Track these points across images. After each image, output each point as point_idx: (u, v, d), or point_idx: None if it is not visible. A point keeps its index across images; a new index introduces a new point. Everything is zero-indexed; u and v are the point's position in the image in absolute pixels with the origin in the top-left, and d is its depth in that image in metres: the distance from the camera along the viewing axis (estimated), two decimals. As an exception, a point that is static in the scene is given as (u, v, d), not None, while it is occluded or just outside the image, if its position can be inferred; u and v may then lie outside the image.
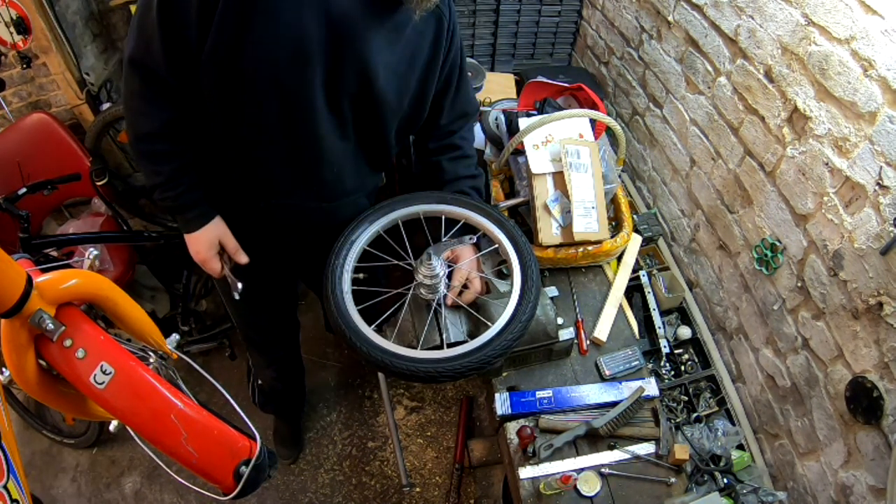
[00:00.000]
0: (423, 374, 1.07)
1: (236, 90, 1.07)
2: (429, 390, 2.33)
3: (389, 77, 1.14)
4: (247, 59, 1.02)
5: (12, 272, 0.73)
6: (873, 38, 1.08)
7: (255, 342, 1.82)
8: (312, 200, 1.29)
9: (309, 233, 1.36)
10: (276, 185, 1.25)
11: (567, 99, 1.84)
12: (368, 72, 1.10)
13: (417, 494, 2.08)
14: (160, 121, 1.12)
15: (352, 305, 1.17)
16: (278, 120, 1.12)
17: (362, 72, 1.09)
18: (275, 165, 1.21)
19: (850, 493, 1.20)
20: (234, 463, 0.86)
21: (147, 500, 2.07)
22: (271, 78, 1.05)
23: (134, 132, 1.15)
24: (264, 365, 1.89)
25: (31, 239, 1.78)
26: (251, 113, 1.11)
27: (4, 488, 0.77)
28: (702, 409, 1.62)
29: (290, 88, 1.07)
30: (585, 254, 1.58)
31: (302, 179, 1.24)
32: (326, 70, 1.07)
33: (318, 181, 1.25)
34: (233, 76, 1.05)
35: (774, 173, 1.41)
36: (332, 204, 1.32)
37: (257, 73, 1.05)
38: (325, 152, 1.20)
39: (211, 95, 1.09)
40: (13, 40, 1.95)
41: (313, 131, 1.15)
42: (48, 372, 0.85)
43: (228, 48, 1.01)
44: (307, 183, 1.25)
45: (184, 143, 1.17)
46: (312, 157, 1.20)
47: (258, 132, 1.15)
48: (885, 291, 1.09)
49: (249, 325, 1.73)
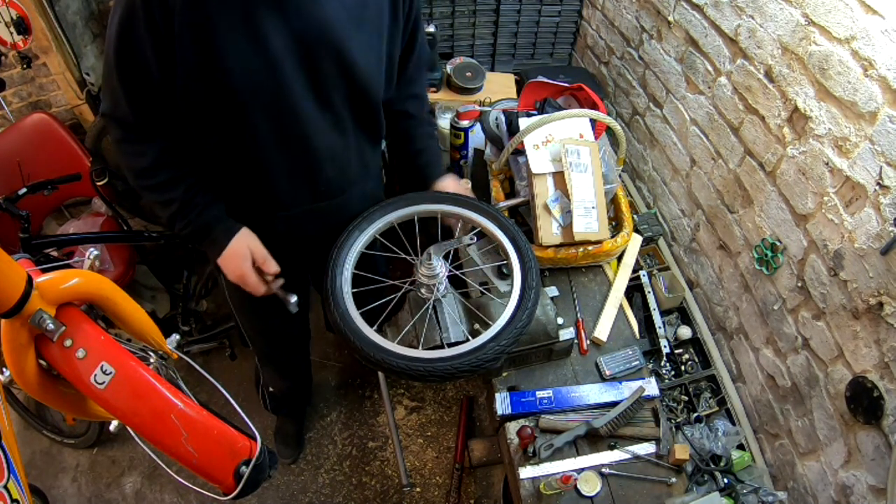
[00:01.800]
0: (424, 373, 1.07)
1: (222, 113, 1.06)
2: (429, 390, 2.33)
3: (367, 56, 1.12)
4: (220, 84, 1.01)
5: (12, 272, 0.73)
6: (873, 37, 1.07)
7: (272, 357, 1.82)
8: (322, 200, 1.28)
9: (323, 234, 1.34)
10: (284, 195, 1.24)
11: (567, 99, 1.84)
12: (346, 60, 1.08)
13: (418, 494, 2.08)
14: (153, 154, 1.12)
15: (352, 305, 1.17)
16: (270, 132, 1.11)
17: (341, 62, 1.08)
18: (278, 177, 1.20)
19: (850, 493, 1.20)
20: (234, 463, 0.86)
21: (147, 500, 2.07)
22: (251, 94, 1.04)
23: (132, 172, 1.14)
24: (279, 378, 1.91)
25: (32, 239, 1.78)
26: (242, 132, 1.10)
27: (5, 488, 0.78)
28: (702, 409, 1.62)
29: (273, 99, 1.06)
30: (585, 254, 1.58)
31: (306, 183, 1.23)
32: (306, 73, 1.06)
33: (324, 180, 1.24)
34: (214, 102, 1.04)
35: (775, 173, 1.41)
36: (341, 198, 1.30)
37: (237, 95, 1.03)
38: (325, 151, 1.19)
39: (199, 123, 1.09)
40: (13, 40, 1.95)
41: (307, 136, 1.14)
42: (48, 372, 0.85)
43: (198, 79, 1.00)
44: (312, 185, 1.24)
45: (184, 166, 1.16)
46: (312, 160, 1.19)
47: (253, 149, 1.14)
48: (885, 291, 1.09)
49: (268, 342, 1.73)
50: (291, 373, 1.94)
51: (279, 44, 1.00)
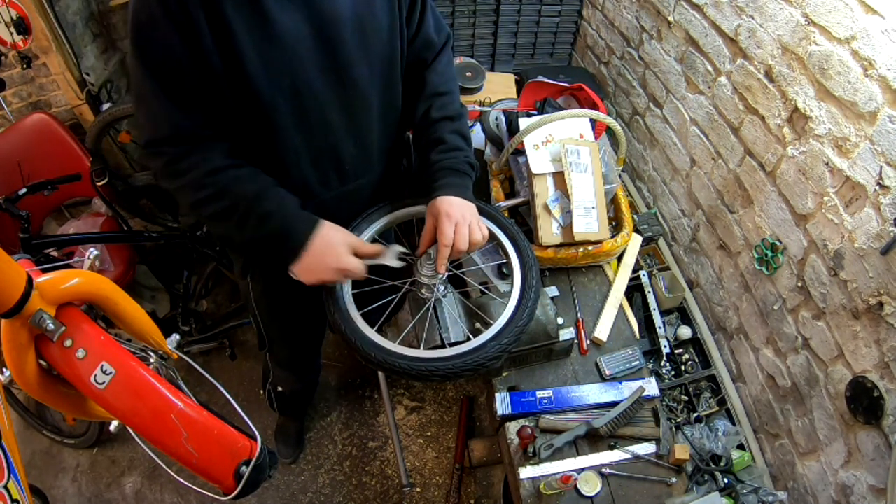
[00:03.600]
0: (426, 372, 1.07)
1: (244, 111, 1.05)
2: (429, 390, 2.33)
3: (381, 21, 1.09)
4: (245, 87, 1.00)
5: (12, 272, 0.73)
6: (873, 37, 1.07)
7: (291, 361, 1.80)
8: (349, 182, 1.24)
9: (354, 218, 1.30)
10: (312, 182, 1.21)
11: (567, 99, 1.84)
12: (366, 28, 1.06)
13: (418, 494, 2.08)
14: (219, 156, 1.06)
15: (352, 306, 1.17)
16: (291, 120, 1.09)
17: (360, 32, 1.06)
18: (304, 164, 1.17)
19: (850, 493, 1.20)
20: (234, 463, 0.86)
21: (147, 501, 2.07)
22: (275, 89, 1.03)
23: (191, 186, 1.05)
24: (294, 379, 1.89)
25: (32, 239, 1.78)
26: (265, 126, 1.08)
27: (5, 488, 0.78)
28: (702, 408, 1.63)
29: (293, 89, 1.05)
30: (585, 254, 1.58)
31: (332, 167, 1.20)
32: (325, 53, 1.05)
33: (350, 159, 1.21)
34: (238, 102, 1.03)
35: (775, 173, 1.41)
36: (367, 178, 1.27)
37: (262, 95, 1.02)
38: (349, 130, 1.16)
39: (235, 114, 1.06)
40: (13, 40, 1.95)
41: (327, 118, 1.12)
42: (48, 372, 0.85)
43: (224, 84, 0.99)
44: (338, 166, 1.21)
45: (246, 163, 1.11)
46: (335, 140, 1.16)
47: (277, 140, 1.11)
48: (885, 291, 1.09)
49: (291, 346, 1.70)
50: (308, 375, 1.93)
51: (297, 33, 1.00)
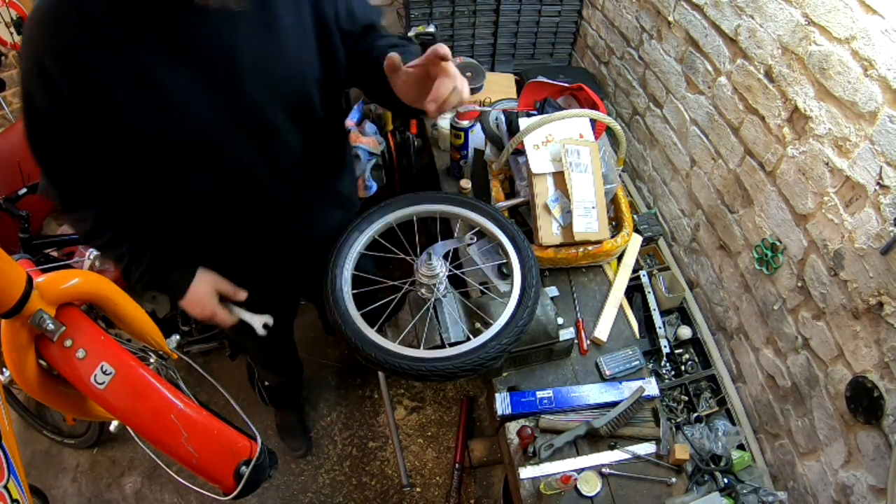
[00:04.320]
0: (426, 372, 1.07)
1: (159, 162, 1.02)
2: (429, 390, 2.33)
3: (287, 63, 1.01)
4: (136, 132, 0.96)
5: (13, 272, 0.74)
6: (873, 37, 1.07)
7: (268, 364, 1.87)
8: (285, 226, 1.24)
9: (299, 252, 1.32)
10: (241, 235, 1.22)
11: (567, 99, 1.83)
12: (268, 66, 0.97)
13: (418, 494, 2.08)
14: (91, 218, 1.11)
15: (352, 306, 1.17)
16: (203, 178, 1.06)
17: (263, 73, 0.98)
18: (229, 216, 1.16)
19: (850, 493, 1.20)
20: (234, 463, 0.87)
21: (147, 501, 2.07)
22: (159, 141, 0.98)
23: (80, 236, 1.15)
24: (274, 377, 1.95)
25: (32, 239, 1.78)
26: (175, 184, 1.07)
27: (5, 488, 0.78)
28: (702, 409, 1.63)
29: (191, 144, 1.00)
30: (585, 254, 1.58)
31: (261, 217, 1.19)
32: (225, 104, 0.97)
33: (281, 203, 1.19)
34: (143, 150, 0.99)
35: (775, 173, 1.41)
36: (306, 217, 1.27)
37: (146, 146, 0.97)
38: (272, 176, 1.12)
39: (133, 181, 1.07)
40: (13, 40, 1.95)
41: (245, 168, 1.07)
42: (48, 372, 0.86)
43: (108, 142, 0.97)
44: (267, 217, 1.20)
45: (127, 222, 1.14)
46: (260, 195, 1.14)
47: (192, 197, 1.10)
48: (885, 291, 1.09)
49: (265, 352, 1.76)
50: (287, 371, 1.96)
51: (178, 83, 0.92)
